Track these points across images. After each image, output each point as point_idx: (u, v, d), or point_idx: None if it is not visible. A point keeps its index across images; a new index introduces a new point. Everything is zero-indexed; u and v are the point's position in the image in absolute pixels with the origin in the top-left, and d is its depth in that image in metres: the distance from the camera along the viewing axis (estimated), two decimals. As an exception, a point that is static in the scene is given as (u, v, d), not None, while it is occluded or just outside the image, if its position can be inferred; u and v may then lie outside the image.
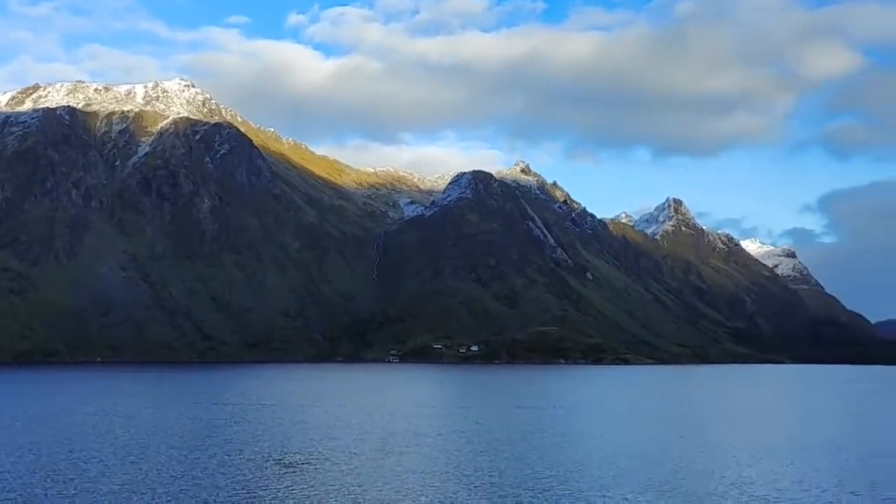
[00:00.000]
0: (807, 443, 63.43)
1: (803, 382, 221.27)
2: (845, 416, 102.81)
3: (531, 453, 54.39)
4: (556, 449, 56.97)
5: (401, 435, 64.27)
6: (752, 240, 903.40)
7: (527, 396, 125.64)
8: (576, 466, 49.03)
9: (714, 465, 50.73)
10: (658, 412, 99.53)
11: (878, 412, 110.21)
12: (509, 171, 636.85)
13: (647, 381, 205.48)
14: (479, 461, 50.27)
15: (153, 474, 44.12)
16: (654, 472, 46.80)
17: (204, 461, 48.69)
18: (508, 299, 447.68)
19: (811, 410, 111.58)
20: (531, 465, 49.35)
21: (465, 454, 53.57)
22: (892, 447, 61.18)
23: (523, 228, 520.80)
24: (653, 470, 47.78)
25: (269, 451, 53.10)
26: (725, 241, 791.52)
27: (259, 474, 44.20)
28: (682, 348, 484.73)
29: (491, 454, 53.58)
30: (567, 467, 48.42)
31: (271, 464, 47.93)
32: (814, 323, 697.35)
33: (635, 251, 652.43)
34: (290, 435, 63.36)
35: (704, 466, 49.91)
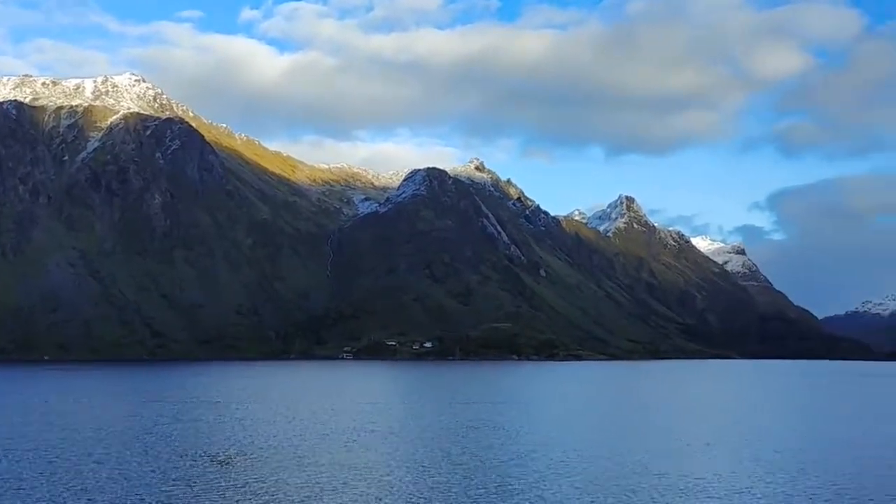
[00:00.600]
0: (744, 433, 65.42)
1: (748, 377, 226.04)
2: (785, 408, 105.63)
3: (466, 448, 55.43)
4: (492, 443, 58.08)
5: (339, 431, 65.01)
6: (703, 237, 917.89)
7: (473, 392, 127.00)
8: (510, 460, 50.18)
9: (648, 456, 52.18)
10: (603, 406, 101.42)
11: (817, 405, 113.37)
12: (464, 169, 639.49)
13: (595, 376, 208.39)
14: (411, 455, 51.21)
15: (82, 472, 44.35)
16: (590, 466, 48.07)
17: (136, 458, 49.02)
18: (462, 296, 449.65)
19: (751, 403, 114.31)
20: (464, 459, 50.39)
21: (398, 449, 54.50)
22: (825, 436, 63.40)
23: (477, 225, 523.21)
24: (589, 463, 49.08)
25: (205, 448, 53.53)
26: (676, 239, 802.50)
27: (190, 471, 44.64)
28: (633, 344, 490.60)
29: (425, 448, 54.56)
30: (501, 461, 49.51)
31: (204, 460, 48.39)
32: (762, 319, 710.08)
33: (588, 248, 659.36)
34: (229, 432, 63.78)
35: (640, 458, 51.36)
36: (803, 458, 52.37)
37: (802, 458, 51.90)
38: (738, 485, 42.41)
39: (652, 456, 52.31)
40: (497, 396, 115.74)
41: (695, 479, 43.96)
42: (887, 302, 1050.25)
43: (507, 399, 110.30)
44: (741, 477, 44.83)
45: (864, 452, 54.82)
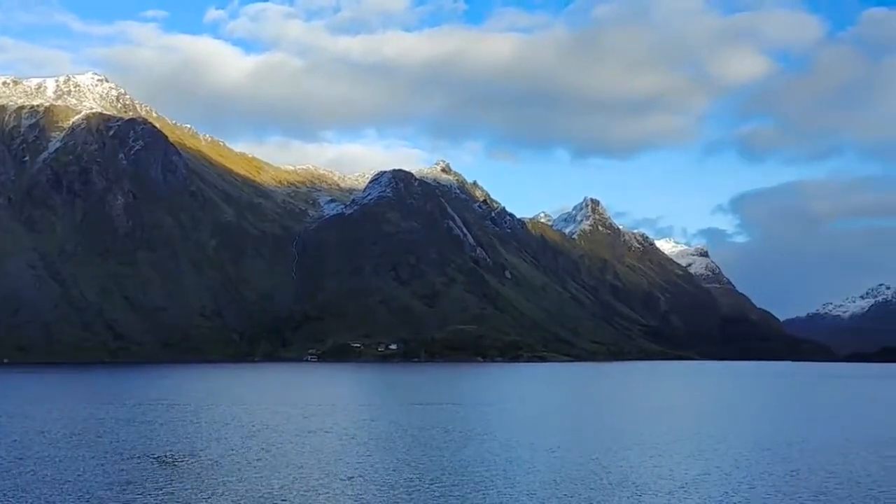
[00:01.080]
0: (701, 434, 66.88)
1: (708, 378, 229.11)
2: (742, 409, 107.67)
3: (416, 449, 56.36)
4: (443, 445, 58.99)
5: (291, 432, 65.67)
6: (667, 239, 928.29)
7: (432, 394, 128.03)
8: (458, 460, 51.11)
9: (602, 455, 53.35)
10: (563, 408, 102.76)
11: (770, 406, 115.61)
12: (430, 171, 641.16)
13: (555, 378, 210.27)
14: (360, 457, 52.01)
15: (28, 474, 44.70)
16: (545, 468, 49.11)
17: (84, 460, 49.39)
18: (428, 298, 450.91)
19: (710, 404, 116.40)
20: (413, 461, 51.31)
21: (348, 450, 55.30)
22: (780, 438, 65.11)
23: (443, 227, 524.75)
24: (544, 465, 50.14)
25: (152, 450, 53.98)
26: (641, 241, 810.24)
27: (132, 473, 45.05)
28: (597, 345, 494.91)
29: (375, 450, 55.38)
30: (451, 462, 50.42)
31: (149, 462, 48.89)
32: (724, 320, 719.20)
33: (553, 250, 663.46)
34: (180, 433, 64.20)
35: (595, 457, 52.50)
36: (746, 456, 53.96)
37: (744, 457, 53.48)
38: (686, 484, 43.71)
39: (605, 455, 53.56)
40: (456, 398, 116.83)
41: (646, 477, 45.20)
42: (847, 304, 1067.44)
43: (465, 401, 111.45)
44: (690, 476, 46.16)
45: (805, 453, 56.64)
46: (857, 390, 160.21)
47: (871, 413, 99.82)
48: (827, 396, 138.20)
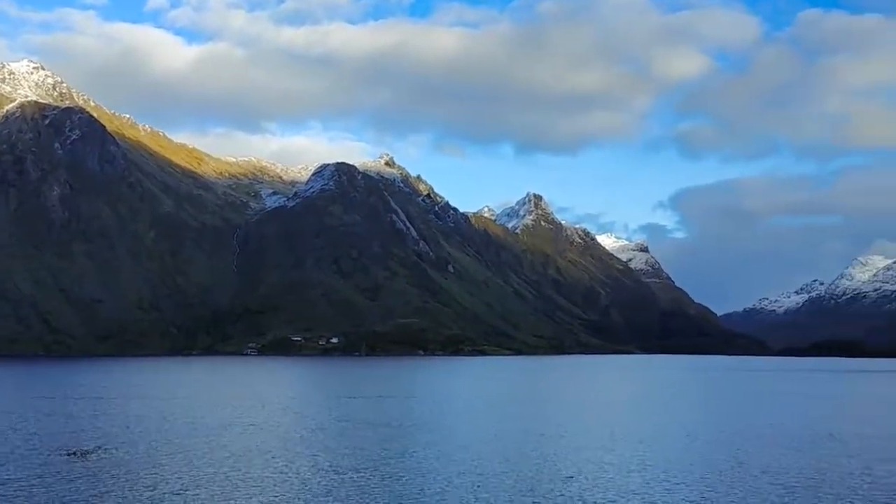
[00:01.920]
0: (631, 427, 68.93)
1: (643, 372, 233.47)
2: (667, 402, 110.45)
3: (336, 442, 57.35)
4: (366, 438, 60.04)
5: (213, 426, 66.06)
6: (609, 234, 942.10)
7: (366, 387, 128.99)
8: (381, 452, 52.23)
9: (532, 448, 54.83)
10: (493, 401, 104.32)
11: (698, 399, 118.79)
12: (373, 164, 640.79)
13: (493, 371, 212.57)
14: (280, 450, 52.82)
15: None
16: (466, 460, 50.28)
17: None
18: (370, 291, 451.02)
19: (640, 398, 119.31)
20: (332, 453, 52.30)
21: (267, 442, 56.02)
22: (706, 432, 67.37)
23: (386, 221, 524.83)
24: (465, 457, 51.29)
25: (66, 442, 54.14)
26: (582, 236, 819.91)
27: (41, 467, 45.38)
28: (538, 339, 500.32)
29: (295, 443, 56.20)
30: (370, 455, 51.49)
31: (60, 455, 49.17)
32: (663, 315, 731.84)
33: (496, 244, 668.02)
34: (101, 427, 64.18)
35: (521, 448, 53.97)
36: (655, 448, 56.01)
37: (652, 449, 55.55)
38: (611, 469, 45.41)
39: (531, 445, 55.13)
40: (390, 391, 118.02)
41: (571, 467, 46.76)
42: (782, 300, 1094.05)
43: (398, 394, 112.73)
44: (618, 463, 47.87)
45: (717, 444, 58.87)
46: (777, 384, 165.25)
47: (781, 406, 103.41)
48: (752, 390, 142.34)
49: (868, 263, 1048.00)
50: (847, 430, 67.13)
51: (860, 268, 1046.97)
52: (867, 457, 50.92)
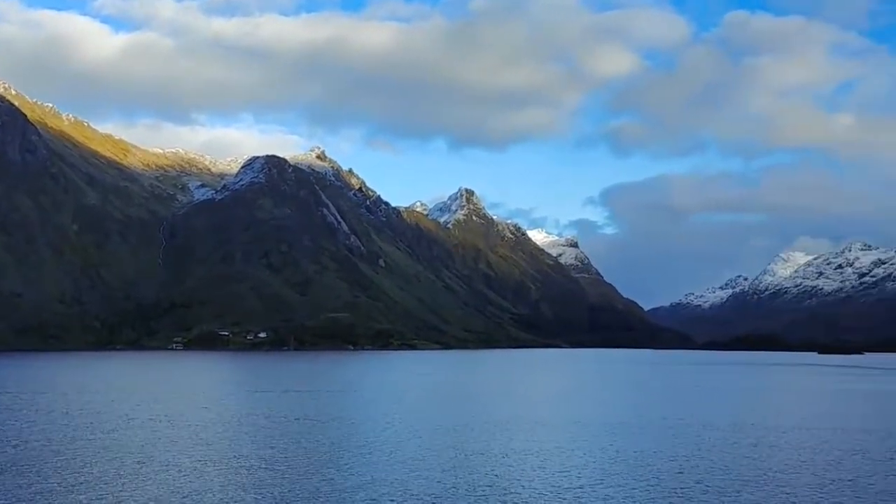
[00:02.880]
0: (544, 418, 70.53)
1: (564, 366, 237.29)
2: (582, 393, 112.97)
3: (239, 435, 57.90)
4: (275, 431, 60.63)
5: (112, 419, 65.87)
6: (540, 230, 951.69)
7: (287, 381, 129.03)
8: (285, 448, 52.93)
9: (443, 439, 56.02)
10: (415, 394, 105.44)
11: (612, 390, 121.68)
12: (304, 157, 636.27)
13: (421, 364, 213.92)
14: (185, 444, 53.12)
15: None
16: (374, 451, 51.25)
17: None
18: (300, 286, 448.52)
19: (558, 389, 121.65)
20: (237, 447, 52.86)
21: (159, 438, 56.16)
22: (626, 419, 69.35)
23: (317, 215, 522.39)
24: (373, 448, 52.27)
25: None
26: (514, 231, 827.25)
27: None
28: (468, 333, 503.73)
29: (202, 437, 56.46)
30: (268, 448, 52.14)
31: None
32: (592, 309, 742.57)
33: (428, 239, 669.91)
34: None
35: (427, 440, 55.10)
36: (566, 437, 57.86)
37: (582, 435, 57.37)
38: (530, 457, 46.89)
39: (442, 436, 56.35)
40: (310, 385, 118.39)
41: (483, 456, 48.04)
42: (707, 294, 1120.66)
43: (317, 388, 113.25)
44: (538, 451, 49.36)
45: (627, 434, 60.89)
46: (693, 377, 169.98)
47: (693, 398, 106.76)
48: (673, 382, 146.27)
49: (790, 260, 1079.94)
50: (741, 420, 70.01)
51: (782, 264, 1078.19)
52: (758, 444, 53.48)
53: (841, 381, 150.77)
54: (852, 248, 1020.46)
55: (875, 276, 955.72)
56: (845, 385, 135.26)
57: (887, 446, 52.77)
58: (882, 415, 78.77)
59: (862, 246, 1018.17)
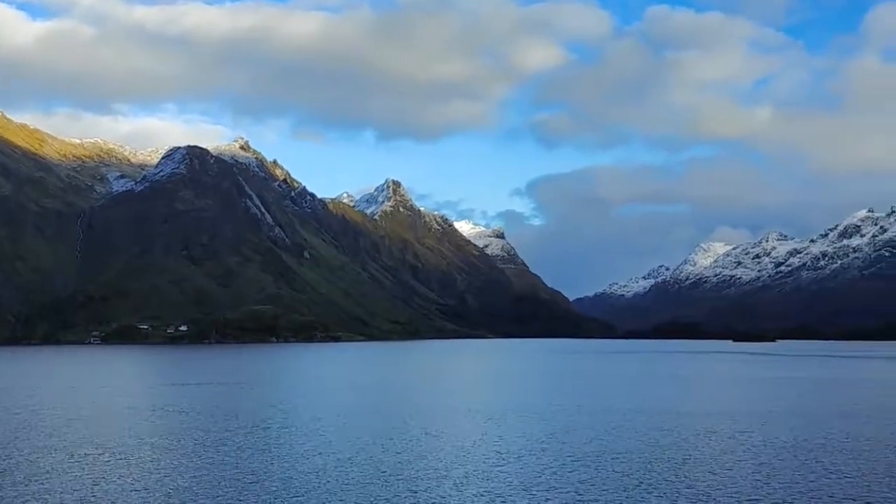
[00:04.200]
0: (452, 406, 71.76)
1: (486, 355, 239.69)
2: (496, 381, 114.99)
3: (136, 428, 57.92)
4: (172, 423, 60.76)
5: (11, 417, 65.31)
6: (466, 221, 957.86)
7: (197, 374, 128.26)
8: (164, 442, 53.19)
9: (346, 430, 56.76)
10: (325, 385, 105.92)
11: (530, 378, 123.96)
12: (227, 147, 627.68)
13: (342, 356, 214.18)
14: (73, 436, 53.01)
15: None
16: (277, 444, 51.75)
17: None
18: (222, 278, 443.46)
19: (472, 379, 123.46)
20: (125, 439, 52.97)
21: (42, 429, 55.98)
22: (536, 405, 70.96)
23: (240, 206, 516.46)
24: (284, 442, 52.75)
25: None
26: (441, 223, 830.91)
27: None
28: (394, 325, 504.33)
29: (91, 429, 56.38)
30: (158, 443, 52.38)
31: None
32: (517, 300, 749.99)
33: (354, 230, 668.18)
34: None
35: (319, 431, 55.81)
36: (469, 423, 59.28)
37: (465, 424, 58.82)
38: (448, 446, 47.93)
39: (348, 428, 57.16)
40: (225, 378, 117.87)
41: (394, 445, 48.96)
42: (631, 284, 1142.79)
43: (227, 380, 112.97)
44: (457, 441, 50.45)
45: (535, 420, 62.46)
46: (602, 365, 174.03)
47: (605, 385, 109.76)
48: (583, 370, 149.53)
49: (710, 250, 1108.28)
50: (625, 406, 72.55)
51: (703, 254, 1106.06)
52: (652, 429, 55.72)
53: (743, 367, 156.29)
54: (769, 238, 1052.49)
55: (790, 266, 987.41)
56: (744, 372, 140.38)
57: (764, 427, 55.56)
58: (763, 398, 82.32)
59: (779, 236, 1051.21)
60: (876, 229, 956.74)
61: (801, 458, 42.07)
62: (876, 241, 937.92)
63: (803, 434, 50.85)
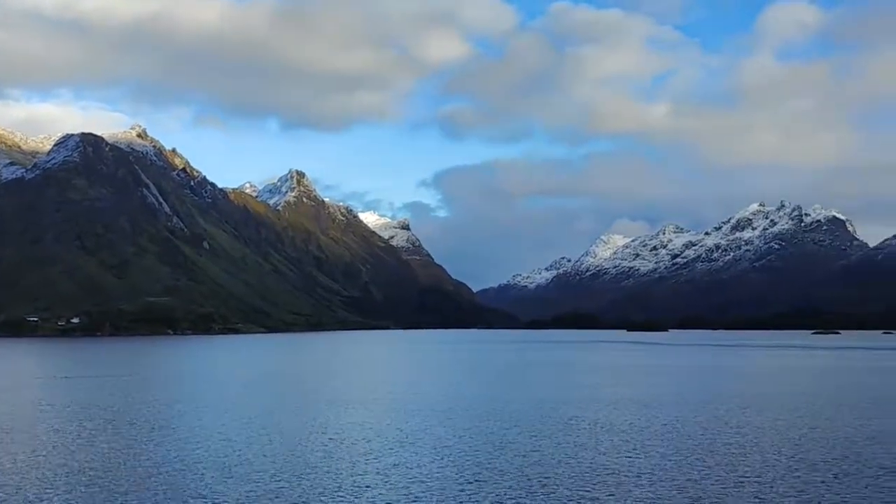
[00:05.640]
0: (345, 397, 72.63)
1: (380, 345, 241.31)
2: (400, 372, 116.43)
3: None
4: (32, 418, 60.21)
5: None
6: (372, 212, 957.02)
7: (80, 367, 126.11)
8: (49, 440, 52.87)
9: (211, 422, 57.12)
10: (215, 377, 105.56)
11: (435, 369, 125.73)
12: (124, 135, 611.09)
13: (234, 348, 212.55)
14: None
15: None
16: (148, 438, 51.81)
17: None
18: (117, 269, 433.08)
19: (368, 370, 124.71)
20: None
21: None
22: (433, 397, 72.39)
23: (137, 195, 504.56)
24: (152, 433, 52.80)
25: None
26: (345, 213, 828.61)
27: None
28: (296, 317, 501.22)
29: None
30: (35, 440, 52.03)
31: None
32: (422, 291, 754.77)
33: (256, 221, 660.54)
34: None
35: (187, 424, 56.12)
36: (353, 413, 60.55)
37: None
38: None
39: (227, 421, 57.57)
40: (108, 371, 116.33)
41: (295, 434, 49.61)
42: (534, 276, 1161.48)
43: (104, 374, 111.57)
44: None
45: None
46: (483, 355, 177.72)
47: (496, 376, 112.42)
48: (466, 360, 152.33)
49: (610, 242, 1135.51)
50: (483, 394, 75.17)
51: (603, 246, 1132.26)
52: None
53: (618, 355, 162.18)
54: (666, 230, 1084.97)
55: (686, 258, 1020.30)
56: (614, 360, 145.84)
57: (604, 411, 58.68)
58: (611, 383, 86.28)
59: (675, 229, 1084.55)
60: (766, 223, 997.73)
61: (635, 441, 44.94)
62: (766, 233, 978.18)
63: (637, 418, 54.02)
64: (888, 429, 47.18)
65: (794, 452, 39.06)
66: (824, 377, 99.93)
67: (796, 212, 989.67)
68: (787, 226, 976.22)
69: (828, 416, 53.90)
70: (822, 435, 45.08)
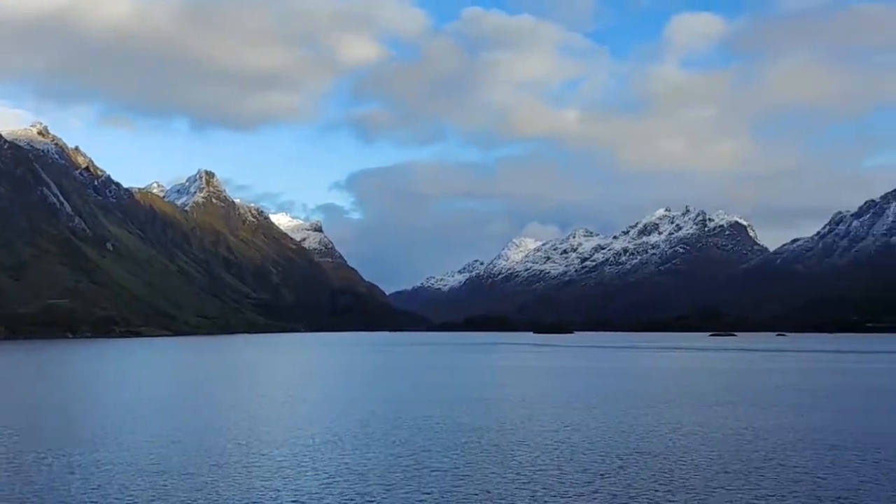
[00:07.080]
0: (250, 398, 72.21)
1: (284, 349, 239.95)
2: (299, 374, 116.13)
3: None
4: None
5: None
6: (285, 213, 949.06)
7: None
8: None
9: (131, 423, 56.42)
10: (107, 384, 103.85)
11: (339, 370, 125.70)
12: (23, 132, 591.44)
13: (137, 352, 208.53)
14: None
15: None
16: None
17: None
18: (14, 270, 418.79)
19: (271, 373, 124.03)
20: None
21: None
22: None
23: (36, 194, 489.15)
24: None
25: None
26: (256, 215, 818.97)
27: None
28: (202, 319, 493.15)
29: None
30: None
31: None
32: (334, 293, 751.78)
33: (163, 222, 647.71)
34: None
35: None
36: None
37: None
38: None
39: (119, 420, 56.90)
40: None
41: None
42: (447, 278, 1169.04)
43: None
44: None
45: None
46: (387, 357, 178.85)
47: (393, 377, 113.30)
48: (369, 362, 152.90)
49: (522, 245, 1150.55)
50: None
51: (515, 249, 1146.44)
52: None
53: (512, 358, 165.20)
54: (576, 234, 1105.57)
55: (595, 261, 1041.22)
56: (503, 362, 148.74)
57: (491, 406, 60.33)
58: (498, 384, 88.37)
59: (585, 232, 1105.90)
60: (672, 227, 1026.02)
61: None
62: (672, 238, 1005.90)
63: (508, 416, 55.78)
64: (763, 426, 49.73)
65: (646, 448, 40.93)
66: (712, 377, 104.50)
67: (700, 217, 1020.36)
68: (691, 230, 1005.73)
69: (707, 414, 56.58)
70: (696, 431, 47.49)
